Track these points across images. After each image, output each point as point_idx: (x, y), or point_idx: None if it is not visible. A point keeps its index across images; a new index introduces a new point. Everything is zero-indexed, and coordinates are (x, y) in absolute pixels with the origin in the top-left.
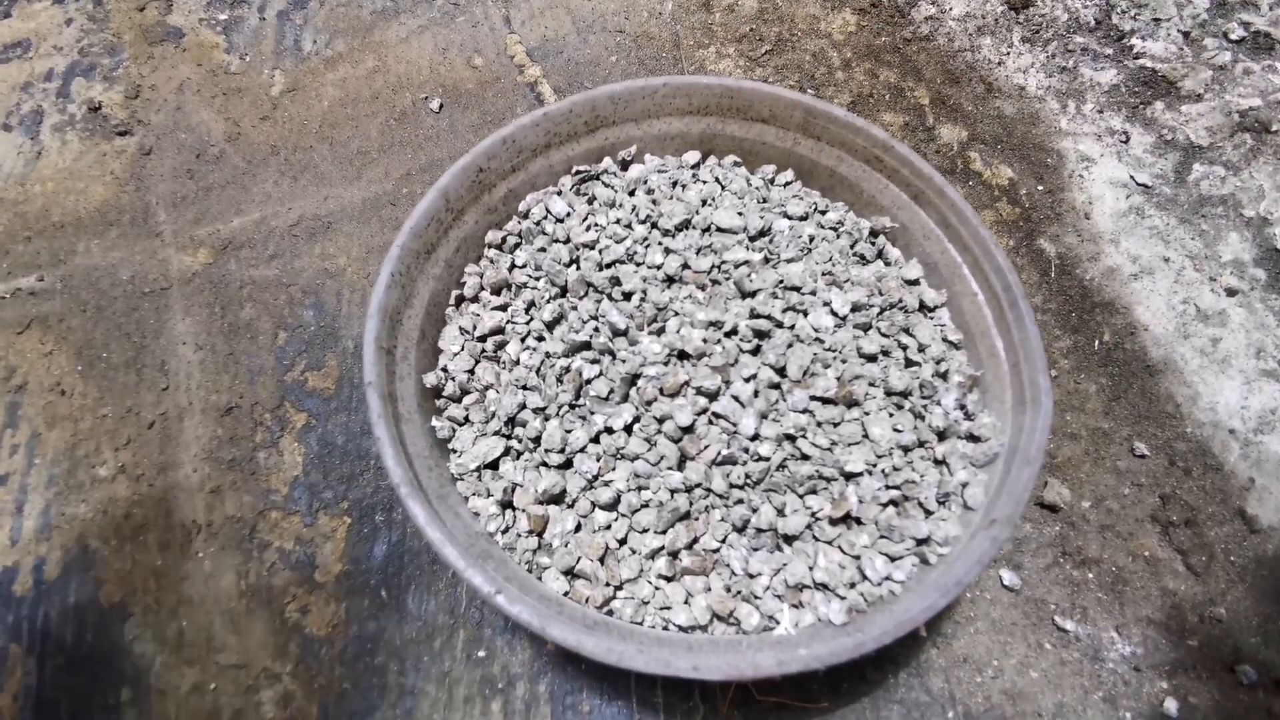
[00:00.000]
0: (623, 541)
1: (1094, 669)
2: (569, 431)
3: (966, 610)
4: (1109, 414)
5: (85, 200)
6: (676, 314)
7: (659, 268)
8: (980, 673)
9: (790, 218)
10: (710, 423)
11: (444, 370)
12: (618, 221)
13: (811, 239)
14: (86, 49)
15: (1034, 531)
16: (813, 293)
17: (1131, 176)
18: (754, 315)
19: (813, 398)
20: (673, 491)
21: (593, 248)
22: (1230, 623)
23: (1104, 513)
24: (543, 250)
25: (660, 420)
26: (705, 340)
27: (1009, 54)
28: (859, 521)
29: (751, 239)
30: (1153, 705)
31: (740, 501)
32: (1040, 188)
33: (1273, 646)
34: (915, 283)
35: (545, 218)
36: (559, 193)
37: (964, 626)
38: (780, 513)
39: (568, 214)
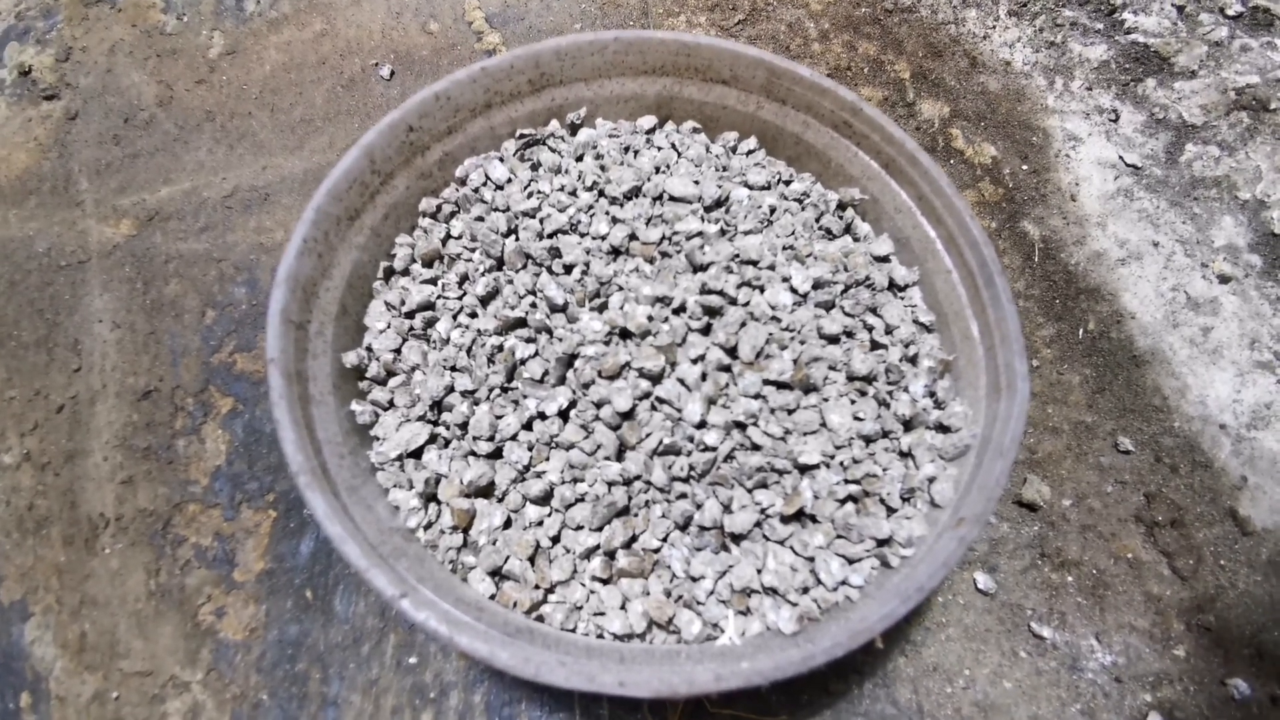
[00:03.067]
0: (555, 539)
1: (1072, 679)
2: (499, 417)
3: (937, 616)
4: (1092, 407)
5: (7, 168)
6: (620, 289)
7: (604, 238)
8: (951, 683)
9: (750, 187)
10: (653, 408)
11: (368, 349)
12: (562, 188)
13: (773, 210)
14: (23, 13)
15: (1011, 532)
16: (771, 267)
17: (1120, 157)
18: (705, 290)
19: (766, 381)
20: (610, 484)
21: (533, 216)
22: (1220, 632)
23: (1085, 512)
24: (480, 219)
25: (598, 405)
26: (650, 318)
27: (995, 27)
28: (814, 519)
29: (707, 209)
30: None
31: (683, 496)
32: (1025, 167)
33: (1268, 659)
34: (885, 259)
35: (484, 184)
36: (500, 158)
37: (934, 633)
38: (727, 509)
39: (508, 180)
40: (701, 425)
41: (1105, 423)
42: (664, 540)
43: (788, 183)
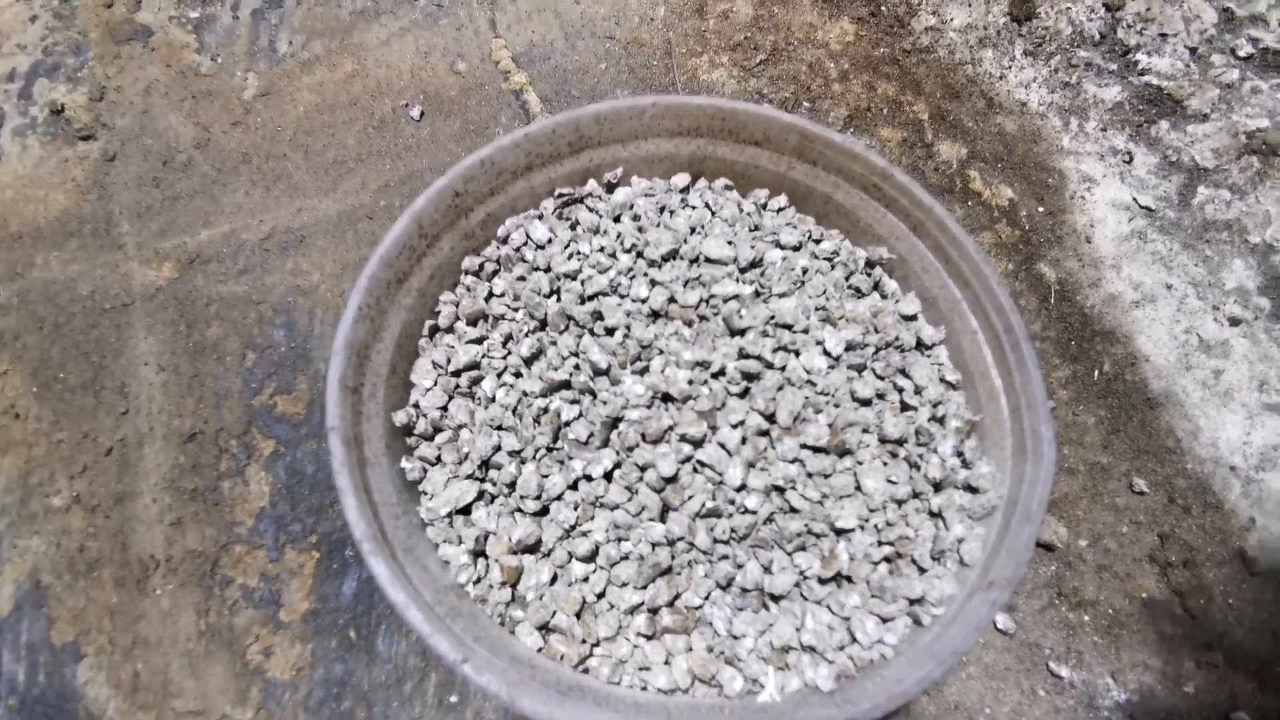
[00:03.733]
0: (601, 596)
1: (1089, 717)
2: (546, 477)
3: None
4: (1108, 448)
5: (45, 209)
6: (661, 352)
7: (644, 301)
8: None
9: (783, 247)
10: (695, 471)
11: (415, 407)
12: (601, 250)
13: (805, 271)
14: (51, 48)
15: (1030, 572)
16: (805, 330)
17: (1134, 199)
18: (743, 355)
19: (803, 446)
20: (654, 545)
21: (574, 278)
22: (1226, 669)
23: (1101, 552)
24: (522, 279)
25: (642, 468)
26: (691, 382)
27: (1011, 68)
28: (849, 580)
29: (742, 270)
30: None
31: (725, 557)
32: (1041, 209)
33: (1269, 691)
34: (913, 318)
35: (525, 244)
36: (540, 216)
37: (956, 672)
38: (767, 570)
39: (549, 240)
40: (742, 489)
41: (1120, 464)
42: (706, 599)
43: (818, 241)
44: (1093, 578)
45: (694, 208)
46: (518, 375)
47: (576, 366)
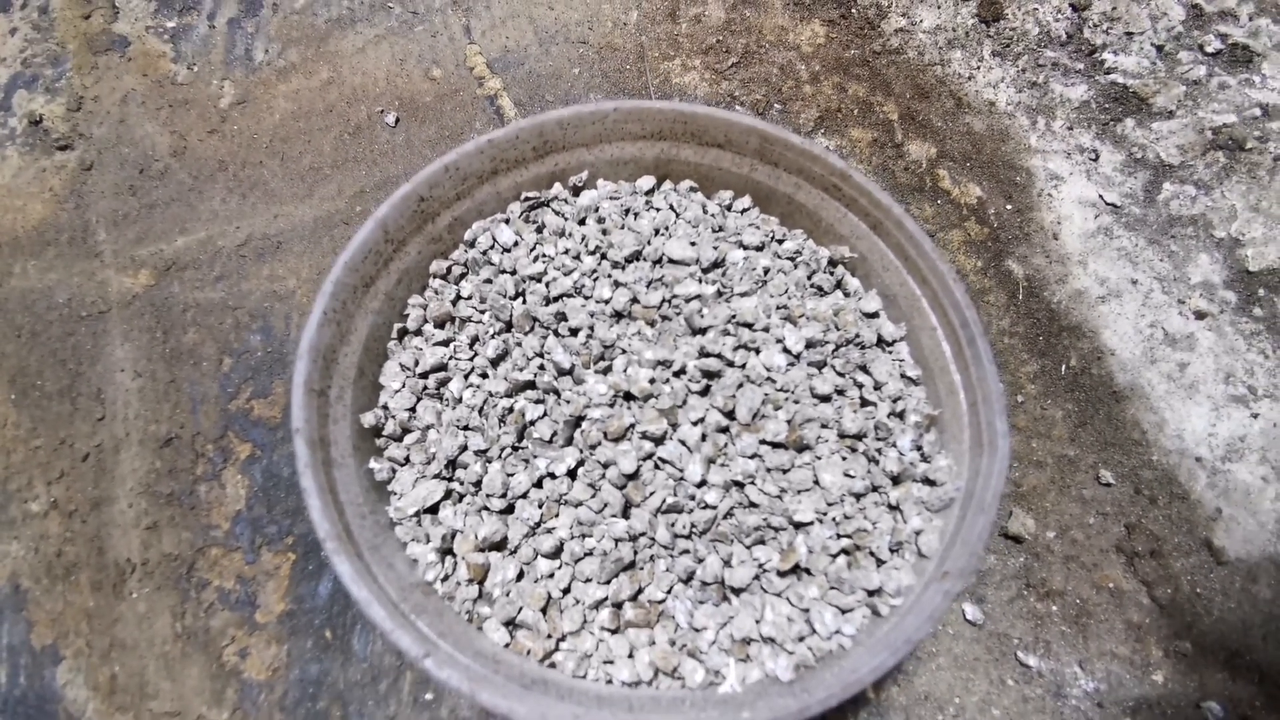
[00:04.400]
0: (566, 591)
1: (1057, 706)
2: (511, 475)
3: (928, 645)
4: (1075, 440)
5: (23, 219)
6: (624, 352)
7: (607, 302)
8: (941, 711)
9: (746, 247)
10: (656, 468)
11: (384, 408)
12: (566, 252)
13: (767, 271)
14: (30, 59)
15: (998, 563)
16: (765, 329)
17: (1100, 196)
18: (704, 354)
19: (762, 442)
20: (616, 540)
21: (539, 280)
22: (1196, 657)
23: (1069, 543)
24: (488, 281)
25: (604, 465)
26: (653, 381)
27: (979, 68)
28: (808, 572)
29: (705, 270)
30: None
31: (686, 552)
32: (1009, 207)
33: (1239, 681)
34: (874, 315)
35: (492, 247)
36: (507, 220)
37: (925, 662)
38: (727, 564)
39: (515, 243)
40: (702, 484)
41: (1087, 456)
42: (668, 593)
43: (780, 241)
44: (1060, 568)
45: (658, 210)
46: (484, 376)
47: (541, 367)
